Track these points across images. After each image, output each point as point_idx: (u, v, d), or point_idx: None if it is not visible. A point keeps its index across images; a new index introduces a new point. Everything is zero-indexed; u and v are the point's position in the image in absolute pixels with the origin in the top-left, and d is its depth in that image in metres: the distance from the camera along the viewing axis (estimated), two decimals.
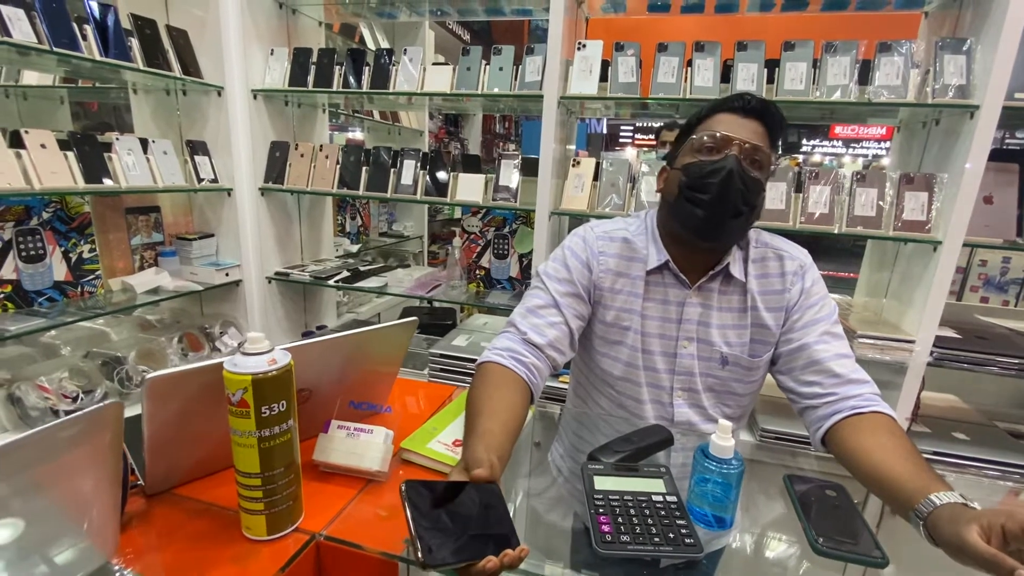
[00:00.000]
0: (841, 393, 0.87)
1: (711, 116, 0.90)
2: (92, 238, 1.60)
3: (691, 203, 0.88)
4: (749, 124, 0.87)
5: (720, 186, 0.84)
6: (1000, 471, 1.40)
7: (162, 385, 0.59)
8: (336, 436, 0.75)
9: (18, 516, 0.48)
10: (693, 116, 0.94)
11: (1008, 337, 1.54)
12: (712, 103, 0.91)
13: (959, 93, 1.33)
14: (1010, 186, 1.42)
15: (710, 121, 0.90)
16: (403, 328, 0.83)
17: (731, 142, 0.85)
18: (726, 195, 0.84)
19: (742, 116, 0.87)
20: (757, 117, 0.87)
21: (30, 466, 0.47)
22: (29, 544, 0.50)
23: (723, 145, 0.86)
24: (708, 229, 0.88)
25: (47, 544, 0.52)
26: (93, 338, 1.77)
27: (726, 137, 0.86)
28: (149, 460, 0.64)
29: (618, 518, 0.66)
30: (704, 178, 0.86)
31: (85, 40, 1.42)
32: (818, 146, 7.90)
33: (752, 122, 0.87)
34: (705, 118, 0.91)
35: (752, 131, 0.86)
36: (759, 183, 0.87)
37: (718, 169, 0.84)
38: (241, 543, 0.62)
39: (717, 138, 0.86)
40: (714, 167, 0.85)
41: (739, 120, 0.87)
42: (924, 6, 1.62)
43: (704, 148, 0.87)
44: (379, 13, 2.20)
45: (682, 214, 0.90)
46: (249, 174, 1.92)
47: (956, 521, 0.58)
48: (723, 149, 0.86)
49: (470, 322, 2.20)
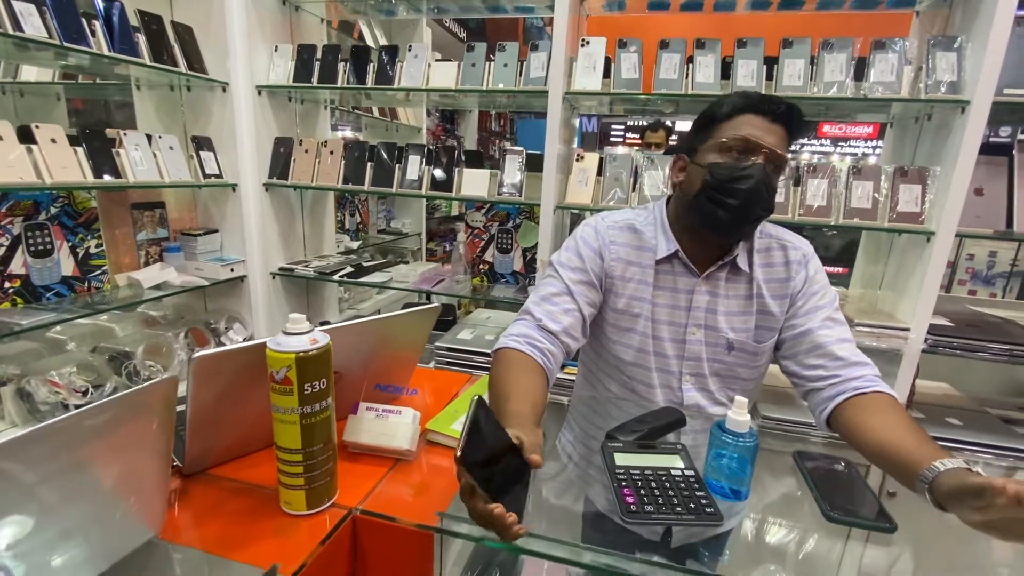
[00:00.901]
0: (844, 375, 0.90)
1: (739, 115, 0.89)
2: (99, 233, 1.60)
3: (714, 203, 0.89)
4: (775, 129, 0.88)
5: (747, 193, 0.86)
6: (993, 454, 1.45)
7: (208, 363, 0.61)
8: (365, 417, 0.78)
9: (72, 489, 0.50)
10: (718, 108, 0.92)
11: (999, 325, 1.60)
12: (741, 101, 0.90)
13: (951, 89, 1.38)
14: (1000, 178, 1.47)
15: (738, 121, 0.89)
16: (426, 314, 0.86)
17: (760, 149, 0.87)
18: (751, 202, 0.87)
19: (770, 120, 0.87)
20: (783, 122, 0.88)
21: (84, 441, 0.49)
22: (82, 517, 0.52)
23: (753, 151, 0.87)
24: (728, 230, 0.92)
25: (99, 518, 0.54)
26: (98, 334, 1.77)
27: (756, 144, 0.86)
28: (190, 439, 0.66)
29: (640, 491, 0.70)
30: (731, 182, 0.87)
31: (94, 35, 1.43)
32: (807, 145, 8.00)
33: (778, 127, 0.88)
34: (732, 115, 0.90)
35: (776, 135, 0.88)
36: (775, 188, 0.90)
37: (746, 176, 0.86)
38: (281, 518, 0.64)
39: (747, 143, 0.87)
40: (742, 173, 0.86)
41: (767, 124, 0.87)
42: (916, 5, 1.67)
43: (733, 150, 0.88)
44: (379, 10, 2.22)
45: (703, 212, 0.92)
46: (253, 170, 1.93)
47: (963, 476, 0.62)
48: (750, 155, 0.87)
49: (473, 316, 2.23)
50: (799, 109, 0.89)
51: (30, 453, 0.45)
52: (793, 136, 0.90)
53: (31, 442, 0.44)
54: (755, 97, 0.89)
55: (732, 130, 0.89)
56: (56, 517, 0.49)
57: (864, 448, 0.82)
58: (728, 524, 0.79)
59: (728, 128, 0.90)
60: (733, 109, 0.90)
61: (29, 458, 0.45)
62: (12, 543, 0.46)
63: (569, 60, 1.64)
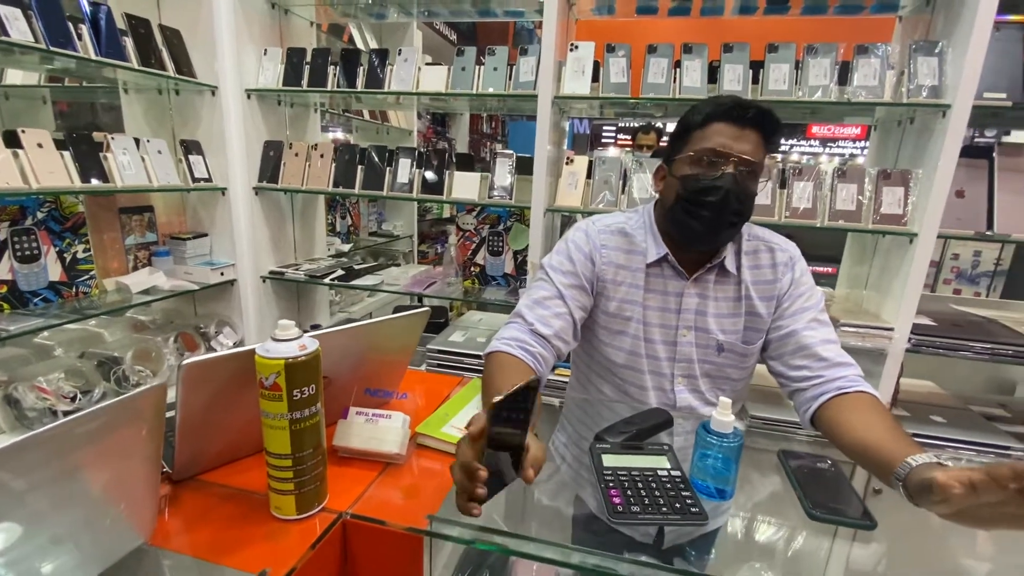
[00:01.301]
0: (827, 376, 0.92)
1: (709, 124, 0.90)
2: (86, 238, 1.59)
3: (688, 215, 0.92)
4: (746, 134, 0.89)
5: (718, 205, 0.88)
6: (976, 451, 1.48)
7: (197, 370, 0.61)
8: (355, 422, 0.78)
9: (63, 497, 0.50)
10: (692, 118, 0.93)
11: (981, 324, 1.63)
12: (712, 109, 0.91)
13: (932, 93, 1.41)
14: (980, 181, 1.50)
15: (709, 131, 0.90)
16: (416, 318, 0.87)
17: (729, 158, 0.88)
18: (722, 212, 0.89)
19: (741, 127, 0.88)
20: (756, 127, 0.89)
21: (75, 448, 0.49)
22: (73, 524, 0.52)
23: (721, 162, 0.89)
24: (703, 240, 0.94)
25: (89, 524, 0.54)
26: (86, 339, 1.76)
27: (725, 154, 0.88)
28: (179, 445, 0.67)
29: (627, 491, 0.71)
30: (701, 194, 0.89)
31: (80, 39, 1.42)
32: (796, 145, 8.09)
33: (750, 132, 0.89)
34: (703, 125, 0.91)
35: (749, 141, 0.89)
36: (752, 192, 0.91)
37: (716, 188, 0.88)
38: (271, 523, 0.65)
39: (716, 153, 0.88)
40: (711, 184, 0.88)
41: (738, 131, 0.88)
42: (898, 10, 1.70)
43: (703, 162, 0.90)
44: (369, 13, 2.22)
45: (679, 223, 0.95)
46: (243, 173, 1.92)
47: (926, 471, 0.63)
48: (720, 165, 0.89)
49: (465, 319, 2.23)
50: (771, 113, 0.89)
51: (20, 461, 0.45)
52: (769, 139, 0.91)
53: (21, 450, 0.44)
54: (726, 104, 0.89)
55: (703, 140, 0.90)
56: (46, 524, 0.50)
57: (845, 447, 0.83)
58: (716, 523, 0.80)
59: (700, 138, 0.91)
60: (705, 118, 0.91)
61: (19, 466, 0.45)
62: (2, 550, 0.46)
63: (558, 64, 1.65)
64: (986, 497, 0.55)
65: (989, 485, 0.55)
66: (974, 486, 0.55)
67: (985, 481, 0.54)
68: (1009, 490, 0.53)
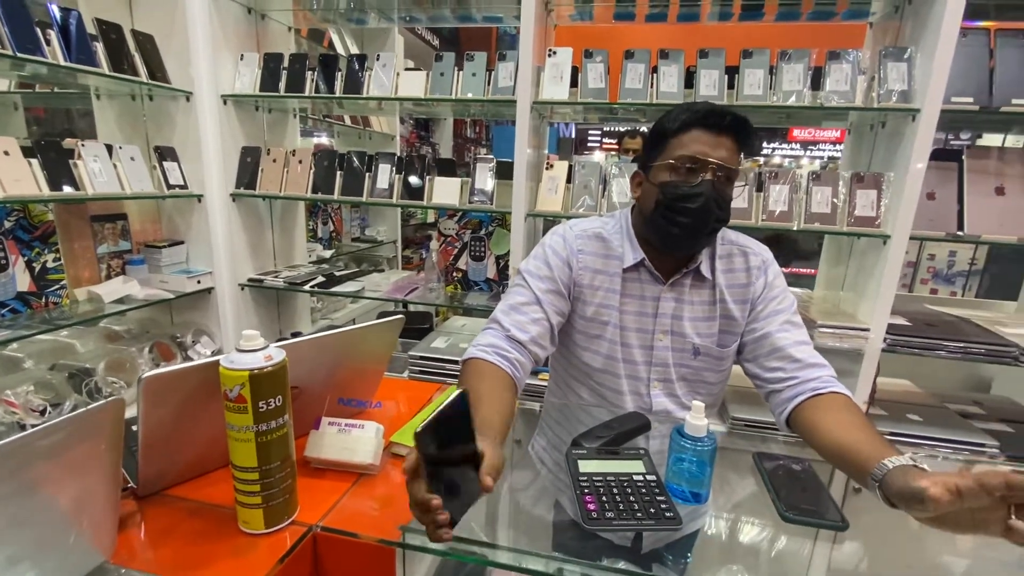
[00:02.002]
0: (801, 377, 0.93)
1: (686, 131, 0.90)
2: (56, 247, 1.56)
3: (667, 221, 0.92)
4: (723, 140, 0.89)
5: (698, 212, 0.89)
6: (952, 448, 1.51)
7: (158, 383, 0.60)
8: (327, 432, 0.77)
9: (19, 515, 0.49)
10: (668, 124, 0.93)
11: (955, 324, 1.66)
12: (689, 116, 0.91)
13: (902, 98, 1.44)
14: (950, 183, 1.53)
15: (685, 138, 0.90)
16: (390, 326, 0.86)
17: (707, 166, 0.89)
18: (702, 219, 0.90)
19: (716, 134, 0.89)
20: (731, 133, 0.90)
21: (31, 464, 0.48)
22: (29, 543, 0.50)
23: (699, 169, 0.89)
24: (683, 246, 0.95)
25: (47, 543, 0.52)
26: (58, 350, 1.72)
27: (703, 161, 0.88)
28: (143, 460, 0.65)
29: (602, 497, 0.70)
30: (681, 201, 0.90)
31: (49, 45, 1.39)
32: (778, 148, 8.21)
33: (726, 138, 0.89)
34: (680, 132, 0.91)
35: (725, 147, 0.89)
36: (729, 198, 0.92)
37: (695, 195, 0.88)
38: (239, 537, 0.63)
39: (694, 161, 0.89)
40: (692, 192, 0.89)
41: (714, 138, 0.89)
42: (869, 17, 1.74)
43: (681, 170, 0.90)
44: (349, 19, 2.21)
45: (659, 229, 0.95)
46: (220, 180, 1.89)
47: (907, 476, 0.64)
48: (699, 172, 0.89)
49: (448, 324, 2.22)
50: (746, 120, 0.90)
51: None
52: (744, 145, 0.92)
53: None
54: (701, 111, 0.90)
55: (680, 148, 0.90)
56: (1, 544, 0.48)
57: (821, 448, 0.84)
58: (694, 525, 0.81)
59: (677, 145, 0.91)
60: (682, 125, 0.91)
61: None
62: None
63: (536, 70, 1.66)
64: (970, 503, 0.56)
65: (977, 493, 0.56)
66: (960, 493, 0.56)
67: (973, 489, 0.55)
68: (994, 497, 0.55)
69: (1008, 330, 1.57)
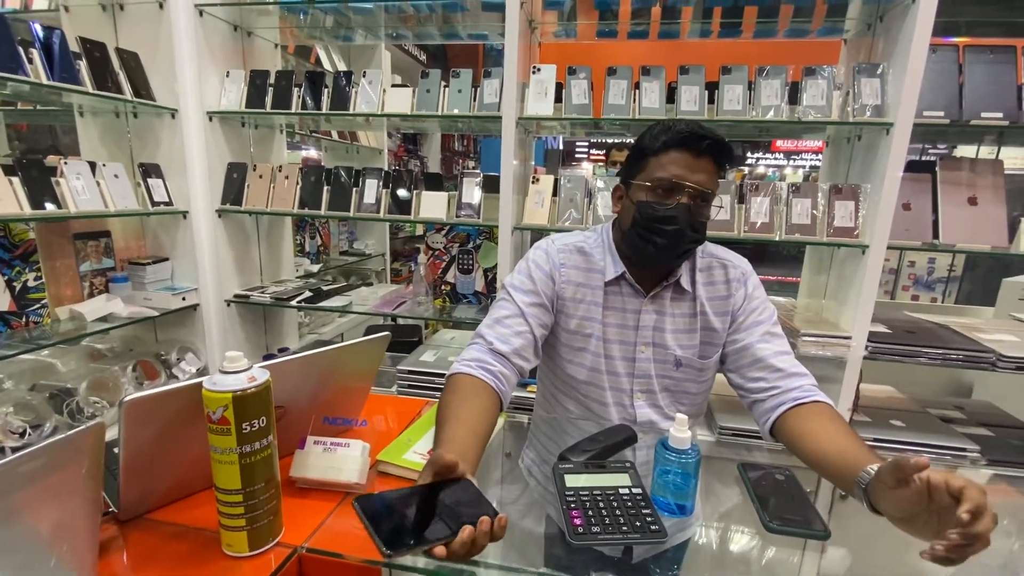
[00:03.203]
0: (783, 386, 0.94)
1: (666, 152, 0.92)
2: (38, 265, 1.54)
3: (644, 240, 0.94)
4: (701, 163, 0.91)
5: (673, 233, 0.91)
6: (934, 453, 1.53)
7: (140, 407, 0.59)
8: (313, 451, 0.76)
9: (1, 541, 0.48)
10: (648, 143, 0.94)
11: (934, 331, 1.69)
12: (669, 137, 0.91)
13: (875, 112, 1.48)
14: (925, 194, 1.57)
15: (665, 159, 0.91)
16: (375, 343, 0.86)
17: (684, 189, 0.91)
18: (676, 240, 0.92)
19: (695, 156, 0.90)
20: (709, 155, 0.91)
21: (11, 491, 0.47)
22: (8, 569, 0.50)
23: (675, 191, 0.91)
24: (658, 263, 0.97)
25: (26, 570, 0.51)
26: (39, 370, 1.69)
27: (680, 185, 0.90)
28: (124, 484, 0.64)
29: (588, 511, 0.71)
30: (657, 222, 0.92)
31: (31, 63, 1.39)
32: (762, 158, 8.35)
33: (704, 161, 0.91)
34: (660, 152, 0.92)
35: (703, 170, 0.91)
36: (706, 218, 0.94)
37: (671, 217, 0.91)
38: (222, 560, 0.63)
39: (671, 183, 0.91)
40: (668, 214, 0.91)
41: (692, 161, 0.90)
42: (843, 34, 1.79)
43: (659, 191, 0.92)
44: (335, 36, 2.23)
45: (635, 247, 0.97)
46: (205, 196, 1.89)
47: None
48: (675, 196, 0.91)
49: (437, 337, 2.22)
50: (724, 142, 0.92)
51: None
52: (722, 166, 0.94)
53: None
54: (682, 134, 0.91)
55: (660, 169, 0.92)
56: None
57: (804, 456, 0.85)
58: (683, 536, 0.81)
59: (656, 166, 0.93)
60: (661, 146, 0.92)
61: None
62: None
63: (521, 86, 1.68)
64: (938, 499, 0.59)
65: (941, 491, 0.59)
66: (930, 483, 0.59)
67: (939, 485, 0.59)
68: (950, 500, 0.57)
69: (985, 336, 1.61)
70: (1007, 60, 1.48)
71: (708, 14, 1.75)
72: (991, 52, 1.48)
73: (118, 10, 1.76)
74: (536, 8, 1.79)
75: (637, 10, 1.75)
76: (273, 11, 1.88)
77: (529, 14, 1.75)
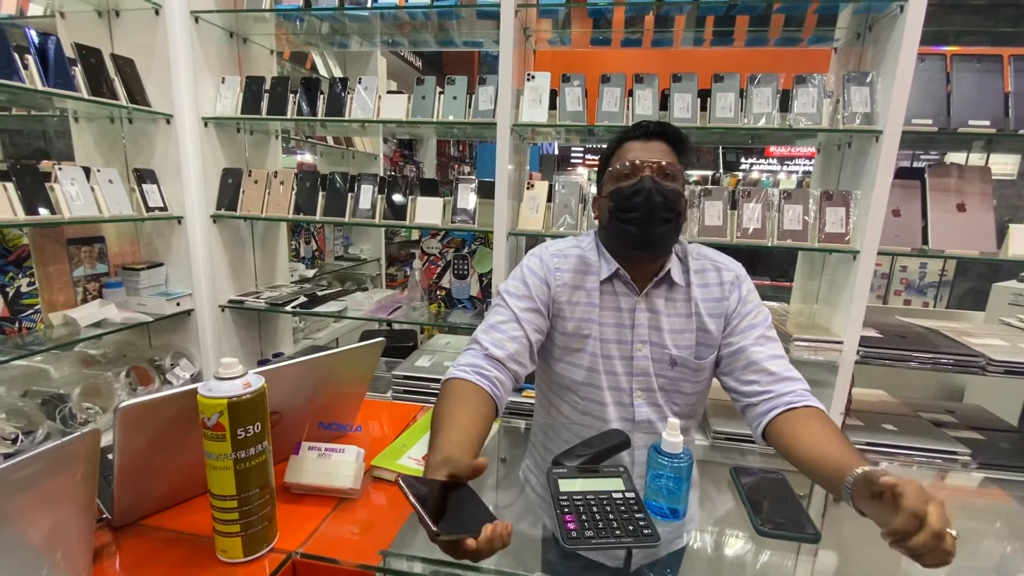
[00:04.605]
0: (776, 390, 0.95)
1: (621, 146, 1.02)
2: (31, 271, 1.53)
3: (623, 223, 0.99)
4: (654, 145, 1.00)
5: (643, 203, 0.96)
6: (925, 457, 1.54)
7: (134, 413, 0.59)
8: (307, 457, 0.77)
9: None
10: (607, 149, 1.06)
11: (924, 335, 1.71)
12: (621, 133, 1.04)
13: (865, 120, 1.50)
14: (914, 200, 1.60)
15: (621, 151, 1.02)
16: (370, 349, 0.86)
17: (642, 165, 0.98)
18: (650, 209, 0.96)
19: (645, 140, 1.00)
20: (659, 138, 1.00)
21: (4, 498, 0.48)
22: None
23: (636, 170, 0.98)
24: (643, 240, 0.99)
25: None
26: (31, 376, 1.68)
27: (637, 164, 0.98)
28: (118, 491, 0.64)
29: (582, 516, 0.71)
30: (628, 199, 0.98)
31: (26, 69, 1.39)
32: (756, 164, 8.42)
33: (656, 143, 1.00)
34: (616, 149, 1.03)
35: (658, 151, 0.99)
36: (676, 191, 0.98)
37: (638, 190, 0.97)
38: (217, 566, 0.63)
39: (629, 165, 0.99)
40: (633, 188, 0.97)
41: (644, 145, 1.00)
42: (833, 43, 1.82)
43: (622, 175, 1.00)
44: (331, 42, 2.24)
45: (619, 234, 1.01)
46: (200, 201, 1.89)
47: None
48: (637, 172, 0.98)
49: (432, 343, 2.22)
50: (671, 125, 1.02)
51: None
52: (677, 147, 1.01)
53: None
54: (631, 127, 1.03)
55: (618, 159, 1.01)
56: None
57: (795, 460, 0.86)
58: (680, 542, 0.82)
59: (616, 159, 1.02)
60: (615, 143, 1.04)
61: None
62: None
63: (516, 93, 1.70)
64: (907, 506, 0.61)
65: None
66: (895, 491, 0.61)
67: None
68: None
69: (975, 340, 1.63)
70: (994, 69, 1.50)
71: (701, 23, 1.77)
72: (978, 61, 1.51)
73: (114, 16, 1.76)
74: (531, 16, 1.81)
75: (631, 18, 1.78)
76: (269, 18, 1.89)
77: (524, 22, 1.76)
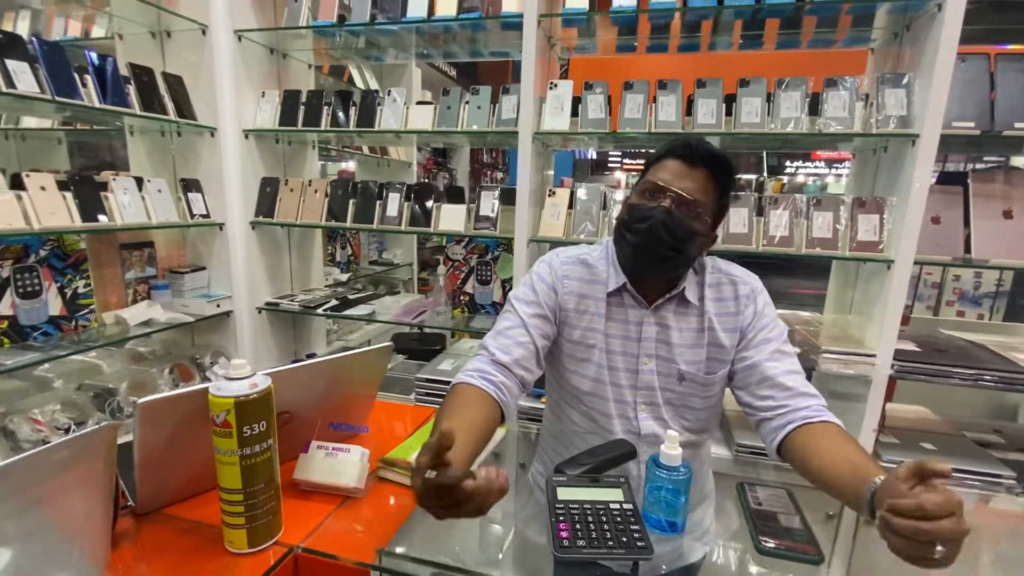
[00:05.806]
0: (792, 405, 0.93)
1: (661, 160, 0.95)
2: (87, 274, 1.66)
3: (623, 239, 0.98)
4: (693, 173, 0.92)
5: (646, 233, 0.93)
6: (965, 479, 1.45)
7: (153, 409, 0.64)
8: (316, 455, 0.80)
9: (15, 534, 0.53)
10: (652, 155, 0.99)
11: (966, 350, 1.62)
12: (668, 145, 0.96)
13: (900, 123, 1.44)
14: (956, 207, 1.51)
15: (659, 166, 0.95)
16: (379, 353, 0.90)
17: (666, 193, 0.92)
18: (650, 242, 0.93)
19: (688, 165, 0.93)
20: (704, 164, 0.93)
21: (27, 486, 0.53)
22: (25, 561, 0.55)
23: (657, 194, 0.93)
24: (637, 265, 0.98)
25: (42, 561, 0.57)
26: (85, 371, 1.82)
27: (663, 188, 0.93)
28: (139, 480, 0.70)
29: (576, 525, 0.72)
30: (635, 222, 0.95)
31: (85, 88, 1.51)
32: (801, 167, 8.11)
33: (698, 170, 0.92)
34: (658, 160, 0.96)
35: (694, 180, 0.92)
36: (689, 231, 0.93)
37: (647, 218, 0.92)
38: (224, 557, 0.67)
39: (656, 187, 0.94)
40: (645, 214, 0.93)
41: (683, 169, 0.93)
42: (870, 43, 1.75)
43: (644, 193, 0.95)
44: (366, 56, 2.32)
45: (619, 246, 1.01)
46: (240, 209, 1.99)
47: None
48: (658, 197, 0.93)
49: (457, 347, 2.26)
50: (721, 155, 0.93)
51: None
52: (720, 177, 0.94)
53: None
54: (679, 142, 0.94)
55: (652, 174, 0.96)
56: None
57: (811, 475, 0.84)
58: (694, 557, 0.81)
59: (651, 172, 0.97)
60: (659, 155, 0.97)
61: None
62: None
63: (538, 101, 1.72)
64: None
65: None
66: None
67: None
68: None
69: (1023, 356, 1.52)
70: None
71: (728, 27, 1.74)
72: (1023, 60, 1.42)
73: (166, 37, 1.89)
74: (555, 25, 1.82)
75: (656, 25, 1.76)
76: (306, 34, 1.98)
77: (548, 31, 1.78)
